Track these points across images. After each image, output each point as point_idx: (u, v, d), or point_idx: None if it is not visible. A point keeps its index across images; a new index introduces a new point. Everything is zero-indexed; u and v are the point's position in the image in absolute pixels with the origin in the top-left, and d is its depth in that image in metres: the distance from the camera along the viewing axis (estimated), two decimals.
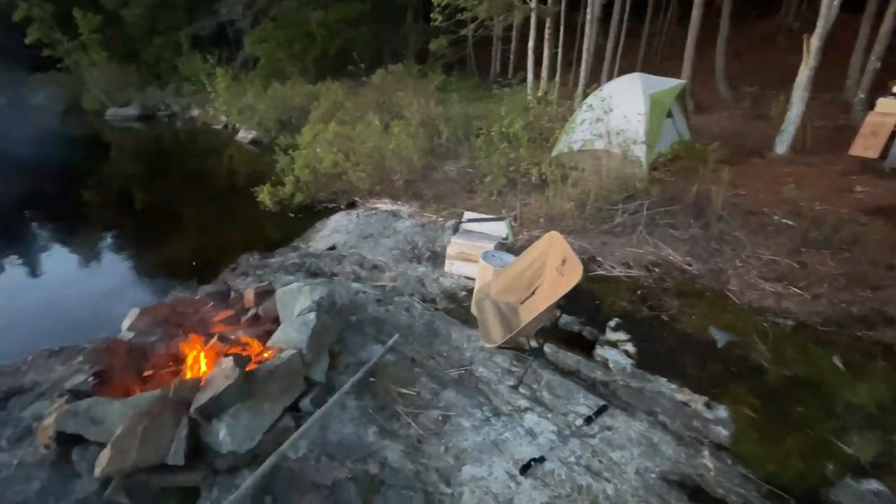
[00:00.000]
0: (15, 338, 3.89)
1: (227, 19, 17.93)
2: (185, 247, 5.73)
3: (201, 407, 2.11)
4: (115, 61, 18.37)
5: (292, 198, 6.27)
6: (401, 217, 5.61)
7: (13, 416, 2.52)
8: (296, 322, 2.84)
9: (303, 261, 4.52)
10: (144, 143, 14.30)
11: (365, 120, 7.75)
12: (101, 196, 8.68)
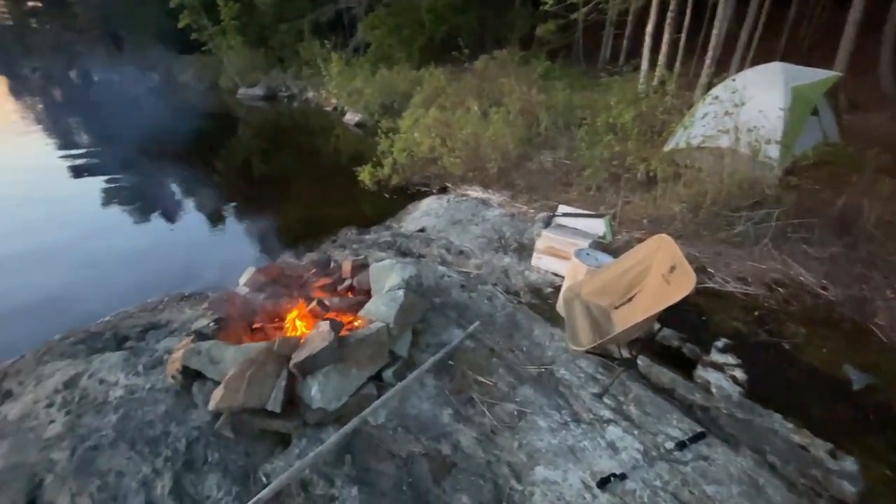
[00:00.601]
0: (155, 281, 4.60)
1: (344, 6, 19.08)
2: (294, 215, 6.29)
3: (299, 363, 2.29)
4: (248, 46, 20.59)
5: (389, 179, 6.54)
6: (490, 205, 5.57)
7: (149, 347, 2.97)
8: (385, 297, 2.96)
9: (394, 240, 4.70)
10: (266, 120, 15.92)
11: (464, 106, 7.76)
12: (228, 165, 9.86)
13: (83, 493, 1.89)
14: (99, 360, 2.69)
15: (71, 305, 4.20)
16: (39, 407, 2.39)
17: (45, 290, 4.57)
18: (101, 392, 2.43)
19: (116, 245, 5.77)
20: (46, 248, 5.53)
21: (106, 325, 3.26)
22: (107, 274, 4.94)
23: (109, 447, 2.08)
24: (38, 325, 3.63)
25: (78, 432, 2.17)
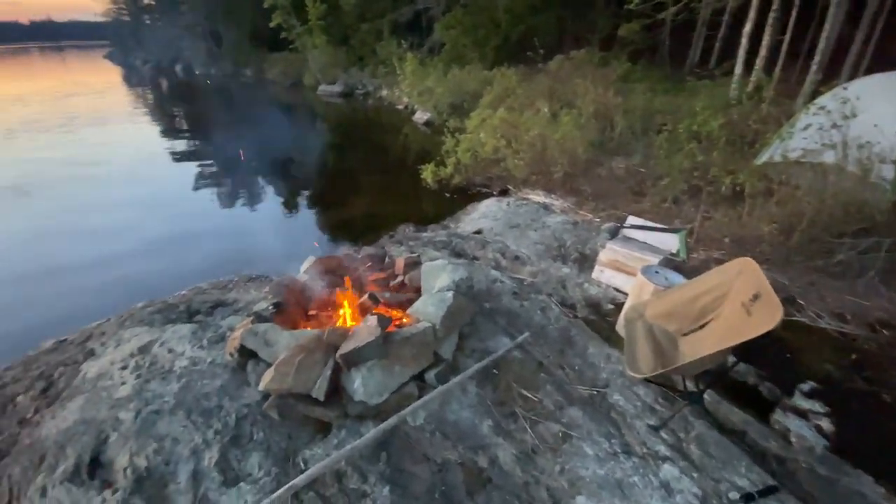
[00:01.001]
0: (228, 260, 4.95)
1: (422, 7, 19.43)
2: (358, 208, 6.50)
3: (345, 354, 2.32)
4: (331, 45, 21.68)
5: (451, 178, 6.53)
6: (552, 211, 5.36)
7: (215, 323, 3.17)
8: (435, 297, 2.92)
9: (450, 240, 4.67)
10: (341, 116, 16.66)
11: (533, 107, 7.56)
12: (303, 157, 10.40)
13: (141, 454, 2.05)
14: (171, 331, 2.92)
15: (155, 276, 4.64)
16: (115, 368, 2.64)
17: (136, 260, 5.10)
18: (169, 360, 2.62)
19: (200, 224, 6.32)
20: (142, 224, 6.17)
21: (182, 298, 3.55)
22: (189, 250, 5.41)
23: (169, 413, 2.23)
24: (128, 293, 4.05)
25: (144, 396, 2.36)
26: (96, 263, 5.06)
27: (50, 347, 3.08)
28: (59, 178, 8.28)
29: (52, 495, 1.94)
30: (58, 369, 2.77)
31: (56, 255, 5.26)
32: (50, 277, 4.76)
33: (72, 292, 4.46)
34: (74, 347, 2.98)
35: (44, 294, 4.44)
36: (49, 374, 2.75)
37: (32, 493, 1.98)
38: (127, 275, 4.76)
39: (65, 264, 5.05)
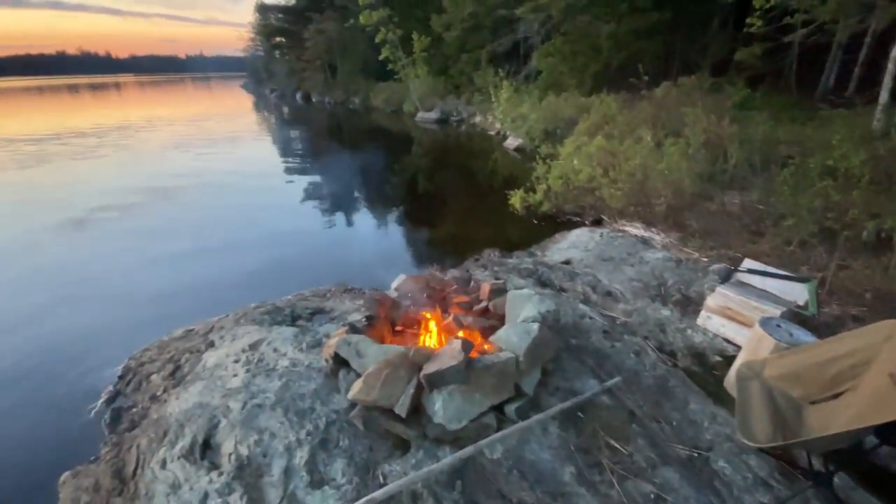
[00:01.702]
0: (328, 270, 5.35)
1: (522, 37, 19.83)
2: (446, 230, 6.68)
3: (428, 375, 2.36)
4: (431, 75, 23.00)
5: (540, 205, 6.44)
6: (652, 246, 5.00)
7: (313, 329, 3.43)
8: (519, 327, 2.87)
9: (536, 268, 4.57)
10: (435, 141, 17.44)
11: (635, 135, 7.22)
12: (398, 177, 11.04)
13: (244, 443, 2.26)
14: (276, 332, 3.22)
15: (266, 280, 5.17)
16: (229, 361, 2.97)
17: (251, 266, 5.73)
18: (273, 359, 2.89)
19: (304, 236, 6.95)
20: (261, 234, 6.96)
21: (287, 302, 3.91)
22: (294, 259, 5.96)
23: (269, 409, 2.45)
24: (243, 293, 4.57)
25: (250, 389, 2.61)
26: (216, 261, 5.80)
27: (180, 335, 3.57)
28: (192, 186, 9.75)
29: (170, 468, 2.21)
30: (184, 355, 3.20)
31: (187, 252, 6.13)
32: (186, 270, 5.54)
33: (198, 285, 5.14)
34: (199, 337, 3.42)
35: (178, 285, 5.17)
36: (177, 358, 3.18)
37: (154, 464, 2.28)
38: (244, 277, 5.37)
39: (193, 260, 5.86)
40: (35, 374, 3.53)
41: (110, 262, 5.80)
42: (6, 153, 14.00)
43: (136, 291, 4.97)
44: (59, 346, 3.87)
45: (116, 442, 2.56)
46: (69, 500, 2.28)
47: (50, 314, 4.48)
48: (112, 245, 6.41)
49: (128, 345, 3.61)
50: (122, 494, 2.18)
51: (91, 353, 3.69)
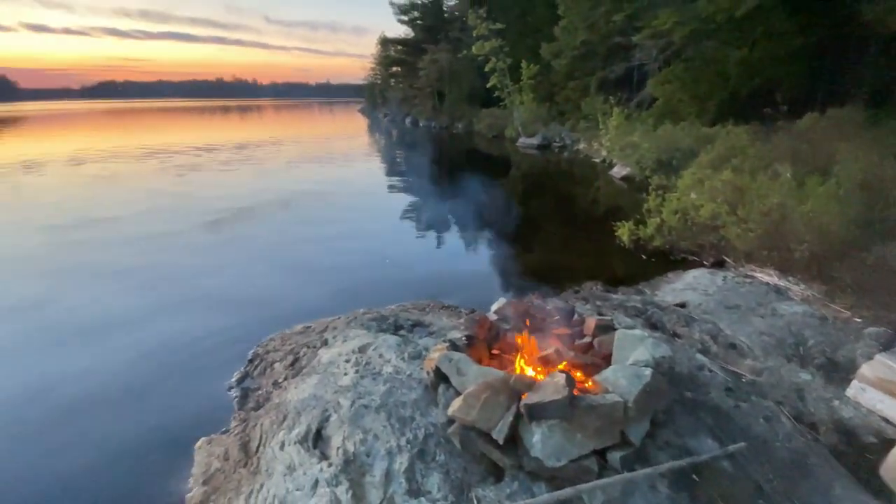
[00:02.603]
0: (424, 285, 5.55)
1: (636, 63, 19.07)
2: (542, 256, 6.56)
3: (529, 405, 2.31)
4: (536, 101, 23.12)
5: (651, 240, 6.02)
6: (788, 297, 4.37)
7: (413, 340, 3.58)
8: (628, 370, 2.68)
9: (645, 308, 4.26)
10: (534, 166, 17.36)
11: (770, 171, 6.44)
12: (494, 199, 11.13)
13: (350, 440, 2.41)
14: (382, 338, 3.42)
15: (370, 288, 5.52)
16: (341, 359, 3.21)
17: (357, 274, 6.19)
18: (379, 364, 3.07)
19: (402, 250, 7.33)
20: (365, 245, 7.51)
21: (391, 312, 4.14)
22: (394, 271, 6.30)
23: (374, 411, 2.59)
24: (350, 298, 4.94)
25: (358, 389, 2.80)
26: (329, 266, 6.36)
27: (299, 330, 3.97)
28: (308, 197, 10.89)
29: (287, 451, 2.44)
30: (303, 349, 3.54)
31: (304, 256, 6.82)
32: (303, 272, 6.18)
33: (312, 286, 5.68)
34: (315, 335, 3.77)
35: (299, 284, 5.77)
36: (297, 351, 3.53)
37: (274, 444, 2.53)
38: (351, 284, 5.82)
39: (309, 264, 6.49)
40: (182, 352, 4.16)
41: (240, 261, 6.69)
42: (173, 161, 17.05)
43: (261, 287, 5.65)
44: (201, 328, 4.54)
45: (244, 418, 2.90)
46: (203, 463, 2.63)
47: (192, 302, 5.28)
48: (241, 245, 7.40)
49: (256, 333, 4.11)
50: (246, 466, 2.45)
51: (226, 336, 4.26)
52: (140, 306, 5.07)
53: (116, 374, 3.74)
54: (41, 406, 3.37)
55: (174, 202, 10.45)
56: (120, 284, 5.71)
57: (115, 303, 5.15)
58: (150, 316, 4.85)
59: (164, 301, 5.23)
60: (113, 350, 4.12)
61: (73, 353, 4.11)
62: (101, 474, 2.73)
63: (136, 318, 4.77)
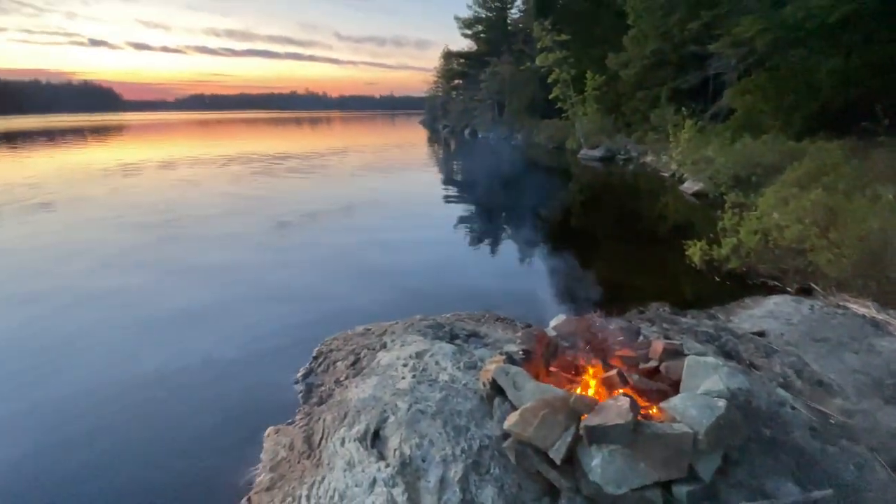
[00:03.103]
0: (477, 296, 5.56)
1: (712, 73, 17.99)
2: (603, 272, 6.33)
3: (590, 428, 2.24)
4: (600, 112, 22.48)
5: (725, 261, 5.62)
6: (888, 333, 3.88)
7: (468, 350, 3.60)
8: (699, 400, 2.52)
9: (718, 334, 3.97)
10: (596, 178, 16.84)
11: (868, 192, 5.79)
12: (554, 211, 10.94)
13: (407, 443, 2.47)
14: (438, 346, 3.47)
15: (425, 296, 5.63)
16: (399, 363, 3.30)
17: (414, 281, 6.33)
18: (435, 371, 3.12)
19: (458, 259, 7.40)
20: (421, 254, 7.66)
21: (447, 320, 4.20)
22: (449, 279, 6.37)
23: (430, 417, 2.63)
24: (407, 303, 5.07)
25: (415, 394, 2.86)
26: (387, 272, 6.56)
27: (360, 332, 4.14)
28: (369, 204, 11.31)
29: (347, 447, 2.55)
30: (363, 350, 3.68)
31: (364, 261, 7.08)
32: (363, 276, 6.43)
33: (374, 289, 5.89)
34: (375, 337, 3.91)
35: (359, 287, 6.01)
36: (358, 352, 3.68)
37: (336, 440, 2.65)
38: (409, 290, 5.97)
39: (368, 268, 6.74)
40: (254, 343, 4.47)
41: (305, 262, 7.09)
42: (248, 167, 18.46)
43: (324, 288, 5.96)
44: (271, 322, 4.86)
45: (308, 412, 3.07)
46: (271, 450, 2.81)
47: (263, 298, 5.67)
48: (307, 248, 7.83)
49: (320, 330, 4.34)
50: (309, 458, 2.59)
51: (293, 332, 4.54)
52: (216, 299, 5.56)
53: (194, 361, 4.10)
54: (128, 385, 3.77)
55: (247, 205, 11.32)
56: (198, 278, 6.30)
57: (194, 295, 5.68)
58: (226, 308, 5.28)
59: (238, 295, 5.68)
60: (192, 339, 4.53)
61: (158, 340, 4.57)
62: (181, 452, 3.00)
63: (213, 310, 5.24)
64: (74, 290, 5.84)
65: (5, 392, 3.74)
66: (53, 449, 3.07)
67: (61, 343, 4.53)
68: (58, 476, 2.84)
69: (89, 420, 3.35)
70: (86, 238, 8.36)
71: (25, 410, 3.48)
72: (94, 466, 2.91)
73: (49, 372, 3.98)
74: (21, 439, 3.17)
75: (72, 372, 3.99)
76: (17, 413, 3.46)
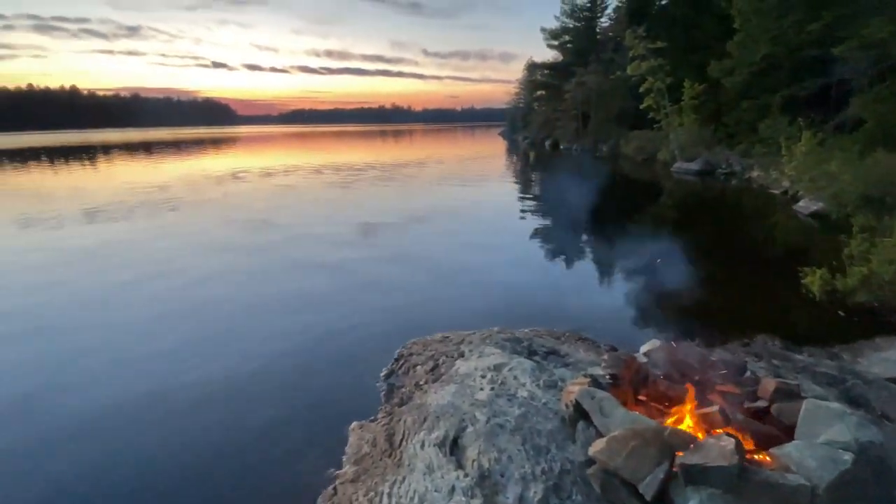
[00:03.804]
0: (556, 311, 5.38)
1: (836, 79, 15.81)
2: (699, 297, 5.79)
3: (687, 466, 2.07)
4: (699, 123, 20.78)
5: (851, 293, 4.88)
6: None
7: (548, 368, 3.50)
8: (820, 450, 2.22)
9: (843, 377, 3.45)
10: (691, 194, 15.55)
11: None
12: (643, 227, 10.23)
13: (485, 455, 2.47)
14: (517, 361, 3.44)
15: (502, 308, 5.58)
16: (477, 374, 3.32)
17: (490, 292, 6.32)
18: (514, 386, 3.09)
19: (534, 271, 7.24)
20: (496, 265, 7.63)
21: (525, 335, 4.14)
22: (526, 292, 6.25)
23: (509, 432, 2.61)
24: (483, 315, 5.07)
25: (493, 407, 2.86)
26: (465, 281, 6.63)
27: (439, 339, 4.23)
28: (447, 213, 11.51)
29: (427, 451, 2.61)
30: (442, 357, 3.76)
31: (443, 268, 7.22)
32: (441, 283, 6.57)
33: (452, 297, 5.98)
34: (453, 345, 3.97)
35: (437, 294, 6.15)
36: (436, 358, 3.77)
37: (416, 442, 2.73)
38: (477, 292, 5.99)
39: (446, 276, 6.86)
40: (340, 339, 4.77)
41: (386, 265, 7.41)
42: (336, 176, 19.82)
43: (406, 292, 6.18)
44: (357, 320, 5.14)
45: (389, 412, 3.20)
46: (355, 444, 2.97)
47: (349, 296, 6.02)
48: (388, 252, 8.18)
49: (401, 333, 4.52)
50: (391, 457, 2.70)
51: (376, 331, 4.78)
52: (308, 290, 6.08)
53: (287, 348, 4.49)
54: (235, 362, 4.21)
55: (333, 209, 12.26)
56: (293, 275, 6.90)
57: (289, 287, 6.24)
58: (315, 304, 5.72)
59: (325, 290, 6.18)
60: (285, 327, 4.97)
61: (261, 323, 5.07)
62: (271, 437, 3.26)
63: (305, 302, 5.74)
64: (188, 274, 6.80)
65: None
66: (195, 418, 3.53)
67: (179, 317, 5.25)
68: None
69: (196, 392, 3.80)
70: (199, 233, 9.67)
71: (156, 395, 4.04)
72: (193, 437, 3.29)
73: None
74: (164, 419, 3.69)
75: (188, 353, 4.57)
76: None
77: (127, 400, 3.72)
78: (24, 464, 3.05)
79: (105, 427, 3.41)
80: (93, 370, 4.24)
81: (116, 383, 3.99)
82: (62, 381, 4.07)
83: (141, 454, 3.11)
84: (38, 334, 5.00)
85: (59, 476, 2.92)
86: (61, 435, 3.31)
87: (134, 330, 5.06)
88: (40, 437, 3.30)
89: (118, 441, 3.24)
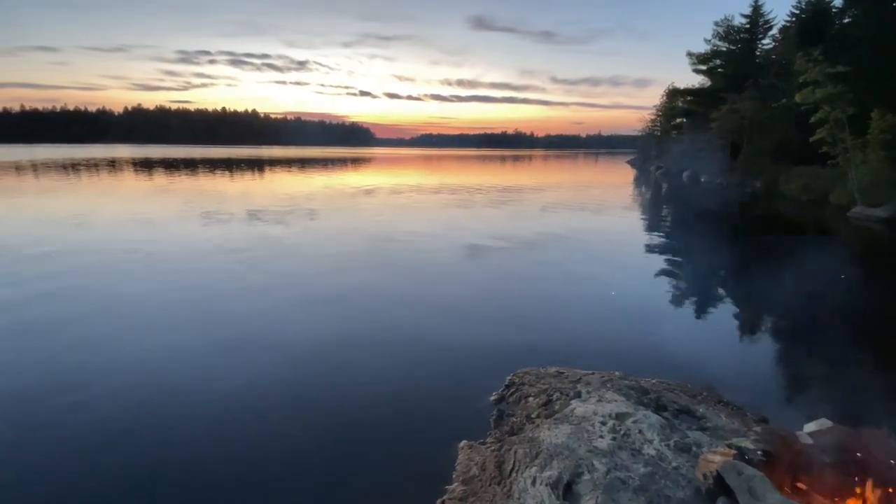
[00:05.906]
0: (687, 363, 4.78)
1: None
2: (885, 373, 4.66)
3: None
4: (888, 161, 16.97)
5: None
6: None
7: (681, 429, 3.12)
8: None
9: None
10: (876, 246, 12.66)
11: None
12: (802, 279, 8.57)
13: None
14: (642, 413, 3.14)
15: (623, 350, 5.16)
16: (596, 419, 3.12)
17: (609, 330, 5.90)
18: (639, 441, 2.83)
19: (668, 320, 6.53)
20: (619, 304, 7.10)
21: (652, 385, 3.77)
22: (654, 339, 5.67)
23: (633, 491, 2.39)
24: (601, 354, 4.76)
25: (615, 459, 2.64)
26: (581, 315, 6.30)
27: (553, 373, 4.09)
28: (554, 242, 11.09)
29: (539, 489, 2.53)
30: (556, 393, 3.63)
31: (555, 299, 6.97)
32: (554, 314, 6.35)
33: (566, 330, 5.74)
34: (568, 382, 3.80)
35: (549, 325, 5.96)
36: (550, 393, 3.64)
37: (526, 477, 2.66)
38: (596, 330, 5.62)
39: (559, 307, 6.60)
40: (452, 358, 4.90)
41: (497, 288, 7.42)
42: (454, 196, 20.61)
43: (515, 318, 6.11)
44: (470, 340, 5.24)
45: (499, 438, 3.18)
46: (464, 463, 3.00)
47: (463, 316, 6.17)
48: (497, 274, 8.19)
49: (511, 360, 4.48)
50: (500, 485, 2.67)
51: (488, 354, 4.81)
52: (420, 298, 6.40)
53: (401, 365, 4.75)
54: (355, 365, 4.60)
55: (446, 228, 12.76)
56: (409, 287, 7.33)
57: (403, 294, 6.63)
58: (427, 318, 5.98)
59: (444, 307, 6.40)
60: (399, 335, 5.28)
61: (380, 329, 5.48)
62: (387, 446, 3.44)
63: (415, 315, 6.04)
64: (322, 274, 7.66)
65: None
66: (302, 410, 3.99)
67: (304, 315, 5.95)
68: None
69: (323, 389, 4.23)
70: (333, 238, 10.97)
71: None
72: (306, 440, 3.64)
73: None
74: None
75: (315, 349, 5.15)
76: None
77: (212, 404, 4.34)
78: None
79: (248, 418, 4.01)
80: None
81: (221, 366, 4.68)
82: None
83: (271, 455, 3.33)
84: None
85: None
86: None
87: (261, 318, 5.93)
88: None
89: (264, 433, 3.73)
